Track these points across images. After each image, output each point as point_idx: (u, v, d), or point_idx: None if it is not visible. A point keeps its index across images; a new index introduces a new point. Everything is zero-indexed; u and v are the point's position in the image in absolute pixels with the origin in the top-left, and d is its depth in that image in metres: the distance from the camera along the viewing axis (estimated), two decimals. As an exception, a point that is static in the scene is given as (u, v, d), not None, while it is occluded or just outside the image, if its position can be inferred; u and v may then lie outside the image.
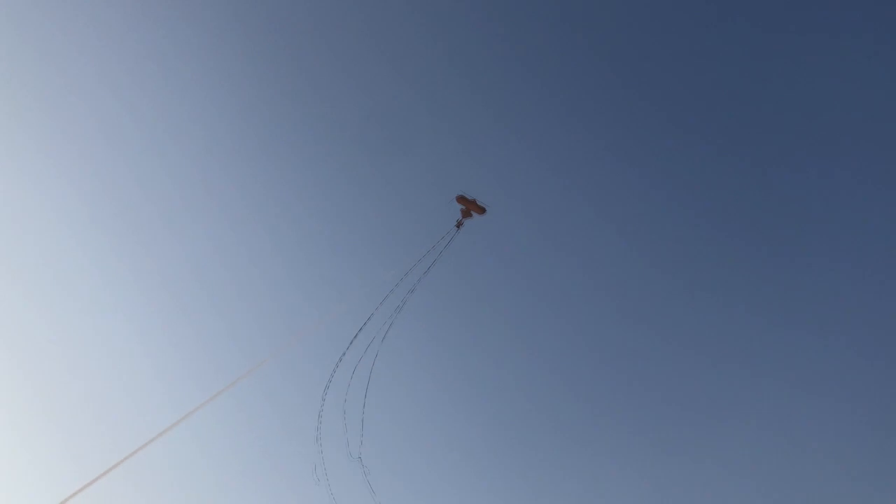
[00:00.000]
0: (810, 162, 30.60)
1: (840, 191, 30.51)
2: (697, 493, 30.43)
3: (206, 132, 32.89)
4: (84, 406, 32.53)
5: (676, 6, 31.03)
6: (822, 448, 29.62)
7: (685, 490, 30.48)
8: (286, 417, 31.46)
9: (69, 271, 32.18)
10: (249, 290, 32.96)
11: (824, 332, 30.44)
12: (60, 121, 31.32)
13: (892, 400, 29.48)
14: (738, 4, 30.27)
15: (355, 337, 20.51)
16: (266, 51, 32.17)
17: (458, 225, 20.76)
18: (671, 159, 31.98)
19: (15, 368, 32.41)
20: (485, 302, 32.98)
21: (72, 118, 31.33)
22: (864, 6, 28.95)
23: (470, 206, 20.84)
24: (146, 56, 31.87)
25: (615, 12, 31.15)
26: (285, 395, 31.43)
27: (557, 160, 31.84)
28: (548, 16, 31.29)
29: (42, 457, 32.02)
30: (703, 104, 31.44)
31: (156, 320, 33.29)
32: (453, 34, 32.26)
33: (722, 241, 31.55)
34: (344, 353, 20.75)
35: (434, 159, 32.43)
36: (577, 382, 32.54)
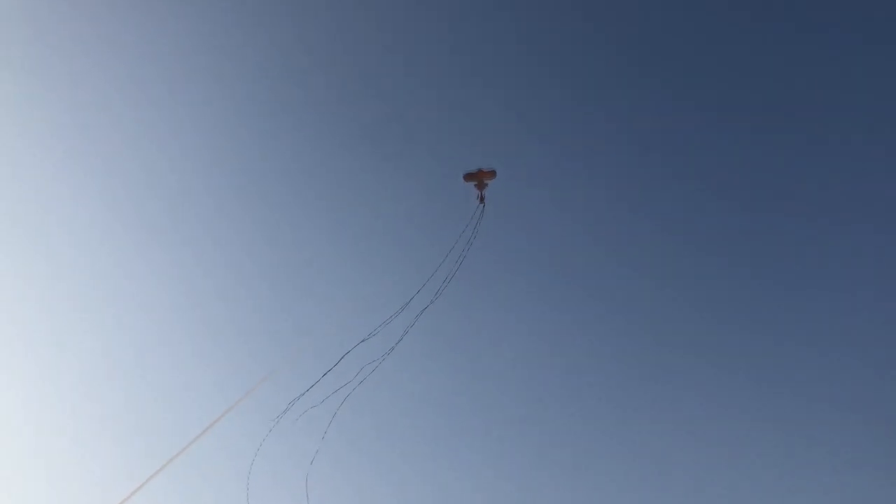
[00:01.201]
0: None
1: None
2: (698, 492, 30.93)
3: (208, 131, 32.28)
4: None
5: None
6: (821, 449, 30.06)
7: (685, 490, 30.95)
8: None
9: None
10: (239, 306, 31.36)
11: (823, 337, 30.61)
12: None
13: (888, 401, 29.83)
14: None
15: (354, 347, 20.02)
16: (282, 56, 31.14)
17: (481, 199, 20.20)
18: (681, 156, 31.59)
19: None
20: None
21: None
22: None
23: (480, 176, 20.35)
24: (147, 56, 31.50)
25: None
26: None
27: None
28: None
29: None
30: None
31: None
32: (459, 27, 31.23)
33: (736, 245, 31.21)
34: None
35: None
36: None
